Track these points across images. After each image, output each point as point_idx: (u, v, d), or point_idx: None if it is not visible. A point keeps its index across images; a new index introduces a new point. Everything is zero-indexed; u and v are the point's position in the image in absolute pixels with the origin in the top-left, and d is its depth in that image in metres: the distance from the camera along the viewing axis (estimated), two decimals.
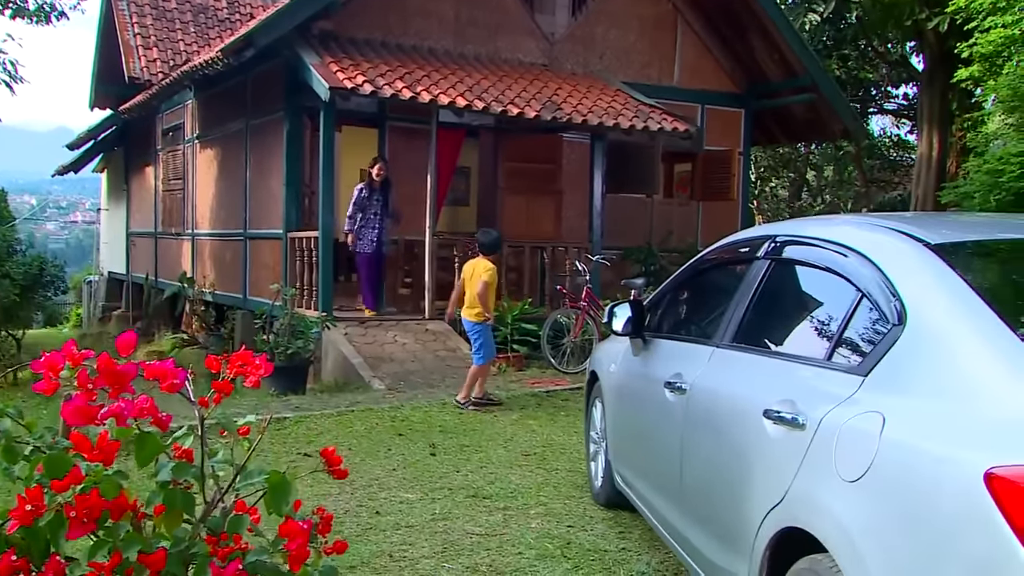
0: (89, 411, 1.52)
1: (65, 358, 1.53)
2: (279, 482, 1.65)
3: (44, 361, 1.54)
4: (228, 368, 1.93)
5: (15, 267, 11.47)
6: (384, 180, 10.81)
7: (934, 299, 2.39)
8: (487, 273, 8.00)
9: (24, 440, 1.56)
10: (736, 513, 2.88)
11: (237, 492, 1.75)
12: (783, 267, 3.32)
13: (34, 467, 1.58)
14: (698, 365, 3.51)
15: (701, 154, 13.89)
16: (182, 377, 1.68)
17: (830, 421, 2.44)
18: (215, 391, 1.70)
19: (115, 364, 1.55)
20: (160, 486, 1.64)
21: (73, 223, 78.09)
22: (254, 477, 1.66)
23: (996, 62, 10.99)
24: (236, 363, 1.93)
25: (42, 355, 1.69)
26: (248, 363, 1.94)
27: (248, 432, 1.86)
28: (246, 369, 1.94)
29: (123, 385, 1.55)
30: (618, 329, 4.39)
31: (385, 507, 5.07)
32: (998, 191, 9.80)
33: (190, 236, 15.33)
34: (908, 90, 21.22)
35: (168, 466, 1.66)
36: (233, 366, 1.93)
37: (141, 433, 1.63)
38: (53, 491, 1.41)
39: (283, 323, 9.51)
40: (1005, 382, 2.06)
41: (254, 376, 1.93)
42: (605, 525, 4.78)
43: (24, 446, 1.58)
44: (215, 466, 1.70)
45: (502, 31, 12.60)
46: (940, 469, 2.01)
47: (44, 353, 1.69)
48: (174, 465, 1.64)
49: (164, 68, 16.14)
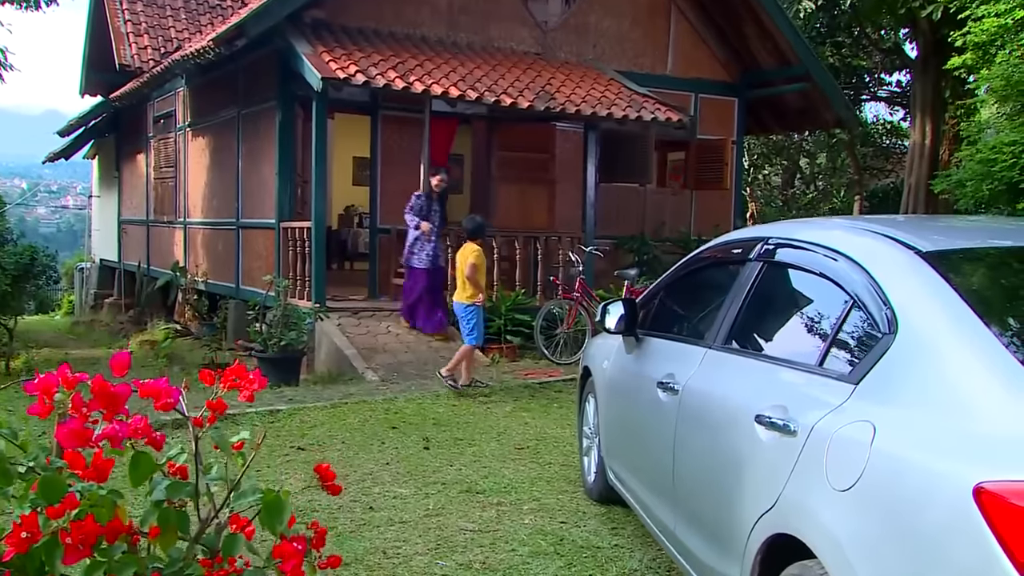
0: (84, 434, 1.52)
1: (59, 380, 1.54)
2: (274, 500, 1.65)
3: (38, 384, 1.54)
4: (222, 382, 1.93)
5: (7, 257, 11.41)
6: (443, 191, 10.48)
7: (925, 309, 2.40)
8: (473, 255, 8.36)
9: (19, 461, 1.57)
10: (728, 516, 2.90)
11: (231, 508, 1.75)
12: (775, 270, 3.33)
13: (29, 487, 1.59)
14: (691, 366, 3.52)
15: (694, 143, 13.89)
16: (176, 396, 1.68)
17: (821, 429, 2.46)
18: (209, 410, 1.70)
19: (109, 386, 1.55)
20: (154, 505, 1.65)
21: (64, 208, 77.66)
22: (249, 496, 1.66)
23: (989, 51, 10.97)
24: (230, 377, 1.94)
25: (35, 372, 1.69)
26: (242, 377, 1.94)
27: (242, 447, 1.86)
28: (240, 383, 1.94)
29: (117, 407, 1.56)
30: (611, 327, 4.41)
31: (379, 502, 5.09)
32: (991, 180, 9.82)
33: (182, 224, 15.28)
34: (901, 77, 21.24)
35: (162, 485, 1.67)
36: (227, 380, 1.93)
37: (136, 453, 1.64)
38: (48, 517, 1.42)
39: (276, 314, 9.50)
40: (994, 396, 2.07)
41: (248, 391, 1.93)
42: (598, 521, 4.81)
43: (18, 466, 1.58)
44: (209, 484, 1.71)
45: (495, 19, 12.55)
46: (930, 482, 2.03)
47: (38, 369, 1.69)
48: (168, 484, 1.65)
49: (155, 55, 16.04)
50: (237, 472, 1.81)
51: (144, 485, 1.70)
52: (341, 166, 15.12)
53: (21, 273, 11.64)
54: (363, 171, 14.04)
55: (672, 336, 4.13)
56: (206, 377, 1.95)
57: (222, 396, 1.86)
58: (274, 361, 9.26)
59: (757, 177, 24.06)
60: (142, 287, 16.62)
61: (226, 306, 12.74)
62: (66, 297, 24.96)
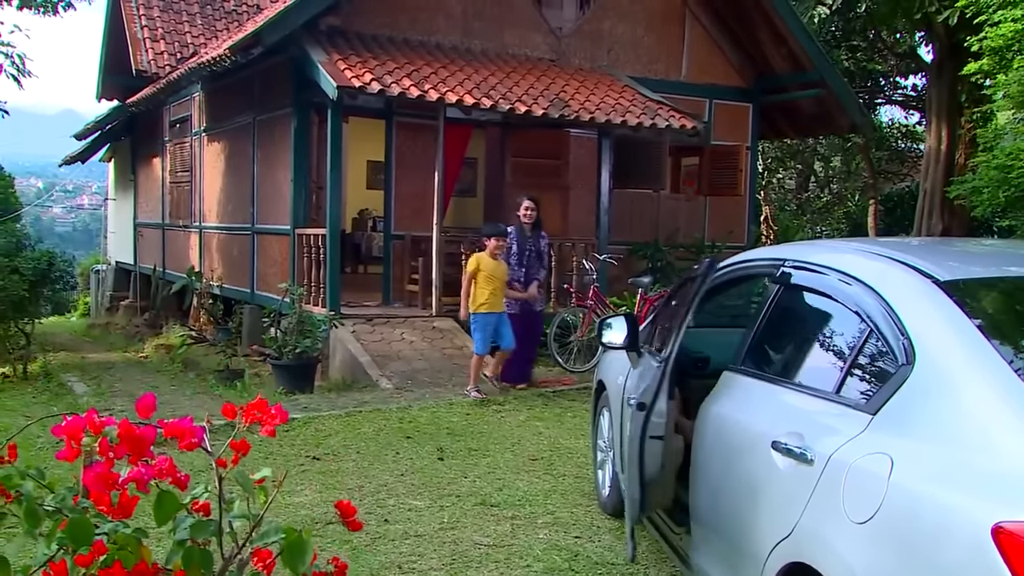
0: (111, 477, 1.55)
1: (86, 425, 1.56)
2: (296, 541, 1.68)
3: (66, 427, 1.57)
4: (243, 417, 1.96)
5: (24, 262, 11.52)
6: (536, 222, 9.01)
7: (943, 341, 2.40)
8: (469, 264, 8.56)
9: (45, 501, 1.59)
10: (744, 541, 2.91)
11: (253, 544, 1.78)
12: (792, 293, 3.33)
13: (57, 525, 1.62)
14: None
15: (708, 149, 13.86)
16: (200, 435, 1.71)
17: (839, 459, 2.46)
18: (233, 451, 1.72)
19: (135, 430, 1.57)
20: (178, 544, 1.67)
21: (79, 207, 78.16)
22: (271, 536, 1.68)
23: (1006, 56, 10.91)
24: (252, 412, 1.96)
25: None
26: (264, 412, 1.96)
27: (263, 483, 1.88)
28: (262, 417, 1.96)
29: (143, 451, 1.58)
30: (612, 343, 4.38)
31: (394, 515, 5.11)
32: (1007, 187, 9.78)
33: (197, 229, 15.37)
34: (917, 81, 21.12)
35: (186, 523, 1.69)
36: (249, 415, 1.95)
37: (160, 492, 1.66)
38: (77, 565, 1.44)
39: (291, 321, 9.55)
40: (1013, 433, 2.07)
41: (269, 426, 1.96)
42: (612, 536, 4.81)
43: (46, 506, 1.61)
44: (232, 522, 1.73)
45: (509, 25, 12.57)
46: (948, 519, 2.04)
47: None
48: (192, 524, 1.67)
49: (171, 61, 16.14)
50: (259, 507, 1.84)
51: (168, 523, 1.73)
52: (355, 169, 15.17)
53: (39, 278, 11.75)
54: (377, 175, 14.09)
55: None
56: (228, 412, 1.98)
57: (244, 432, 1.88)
58: (289, 368, 9.31)
59: (771, 181, 23.97)
60: (158, 290, 16.72)
61: (241, 311, 12.81)
62: (82, 298, 25.14)
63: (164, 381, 11.06)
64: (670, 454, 3.55)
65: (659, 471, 3.53)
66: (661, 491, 3.61)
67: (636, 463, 3.49)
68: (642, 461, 3.50)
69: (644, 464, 3.50)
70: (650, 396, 3.49)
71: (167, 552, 1.73)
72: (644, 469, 3.50)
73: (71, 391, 10.10)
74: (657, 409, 3.48)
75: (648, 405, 3.49)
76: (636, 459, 3.49)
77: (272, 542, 1.70)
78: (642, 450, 3.48)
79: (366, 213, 15.30)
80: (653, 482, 3.53)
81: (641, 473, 3.50)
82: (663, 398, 3.48)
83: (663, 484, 3.59)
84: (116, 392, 9.97)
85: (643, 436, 3.48)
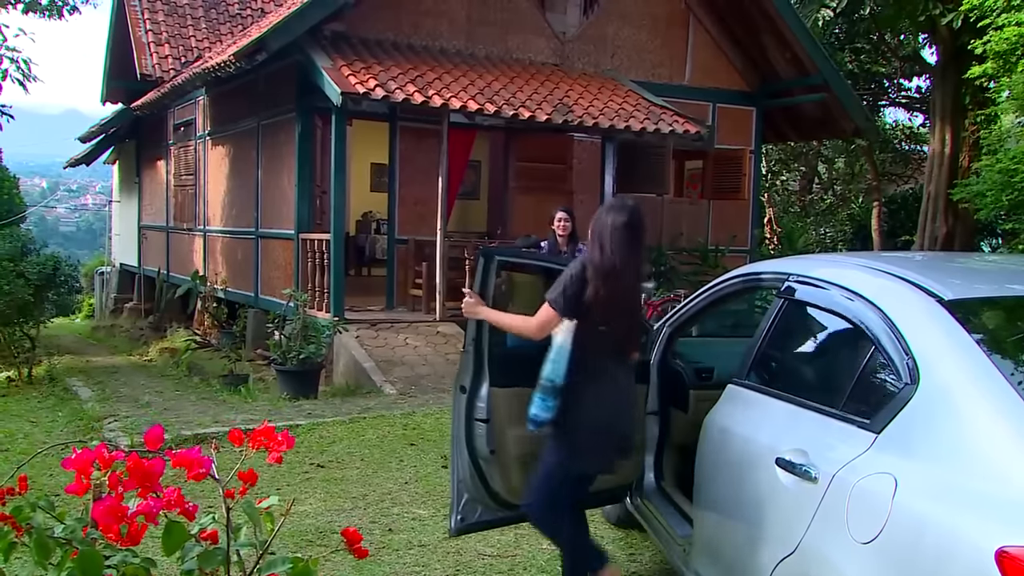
0: (120, 511, 1.56)
1: (95, 458, 1.58)
2: (303, 571, 1.69)
3: (75, 461, 1.58)
4: (250, 443, 1.97)
5: (30, 267, 11.50)
6: (571, 234, 8.42)
7: (948, 362, 2.41)
8: None
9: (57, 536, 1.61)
10: (747, 557, 2.92)
11: (261, 573, 1.79)
12: (796, 308, 3.33)
13: (67, 556, 1.63)
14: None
15: (712, 153, 13.85)
16: (208, 465, 1.72)
17: (843, 478, 2.48)
18: (242, 481, 1.74)
19: (143, 463, 1.59)
20: (186, 574, 1.69)
21: (83, 207, 78.30)
22: (279, 566, 1.70)
23: (1010, 59, 10.91)
24: (258, 438, 1.98)
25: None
26: (270, 439, 1.98)
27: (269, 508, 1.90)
28: (268, 444, 1.98)
29: (152, 484, 1.60)
30: None
31: (398, 524, 5.11)
32: (1010, 190, 9.78)
33: (202, 232, 15.41)
34: (921, 83, 21.11)
35: (193, 552, 1.71)
36: (255, 441, 1.97)
37: (169, 522, 1.68)
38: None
39: (295, 327, 9.56)
40: (1017, 456, 2.08)
41: (276, 452, 1.97)
42: (616, 546, 4.82)
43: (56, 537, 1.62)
44: (239, 550, 1.75)
45: (513, 30, 12.58)
46: (951, 541, 2.05)
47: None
48: (200, 553, 1.68)
49: (175, 65, 16.17)
50: (266, 534, 1.85)
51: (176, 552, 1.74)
52: (359, 172, 15.18)
53: (44, 282, 11.74)
54: (381, 177, 14.10)
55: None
56: (235, 439, 1.99)
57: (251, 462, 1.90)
58: (293, 374, 9.33)
59: (774, 183, 23.95)
60: (162, 293, 16.75)
61: (245, 315, 12.83)
62: (86, 300, 25.17)
63: (169, 386, 11.06)
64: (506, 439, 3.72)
65: (489, 454, 3.69)
66: (501, 475, 3.76)
67: (464, 444, 3.71)
68: (471, 443, 3.69)
69: (474, 446, 3.68)
70: (468, 379, 3.69)
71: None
72: (474, 451, 3.69)
73: (76, 396, 10.10)
74: (480, 394, 3.67)
75: (467, 388, 3.69)
76: (463, 440, 3.71)
77: (280, 571, 1.71)
78: (469, 431, 3.69)
79: (370, 216, 15.32)
80: (488, 464, 3.70)
81: (472, 454, 3.69)
82: (484, 383, 3.67)
83: (502, 467, 3.74)
84: (121, 397, 9.97)
85: (468, 418, 3.69)
